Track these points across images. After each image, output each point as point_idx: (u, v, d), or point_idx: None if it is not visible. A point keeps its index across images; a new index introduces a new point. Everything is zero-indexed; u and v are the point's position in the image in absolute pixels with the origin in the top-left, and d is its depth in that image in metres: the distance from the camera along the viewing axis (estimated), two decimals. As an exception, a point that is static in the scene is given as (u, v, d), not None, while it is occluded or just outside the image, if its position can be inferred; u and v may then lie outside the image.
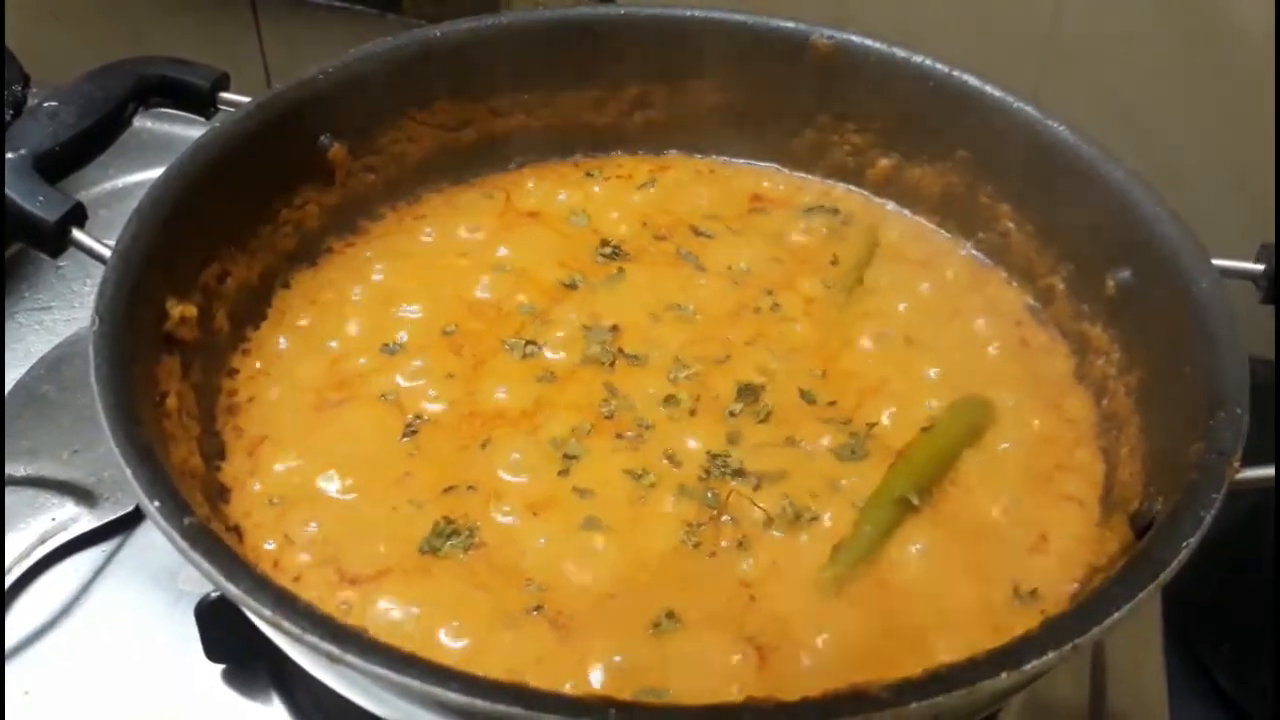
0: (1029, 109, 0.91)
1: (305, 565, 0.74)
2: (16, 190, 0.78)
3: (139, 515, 0.93)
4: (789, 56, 0.99)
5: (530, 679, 0.66)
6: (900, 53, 0.96)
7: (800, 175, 1.05)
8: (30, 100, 1.09)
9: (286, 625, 0.57)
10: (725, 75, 1.02)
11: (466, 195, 1.02)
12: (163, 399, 0.76)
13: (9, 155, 0.80)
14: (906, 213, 1.02)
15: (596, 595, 0.72)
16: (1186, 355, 0.75)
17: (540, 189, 1.03)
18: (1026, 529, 0.78)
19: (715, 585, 0.73)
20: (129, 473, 0.64)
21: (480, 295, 0.92)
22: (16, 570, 0.88)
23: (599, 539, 0.75)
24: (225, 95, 0.91)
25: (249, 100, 0.89)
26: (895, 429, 0.83)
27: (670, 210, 1.02)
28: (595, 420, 0.83)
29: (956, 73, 0.94)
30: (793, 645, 0.70)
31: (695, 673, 0.68)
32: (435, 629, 0.70)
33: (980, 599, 0.73)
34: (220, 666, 0.83)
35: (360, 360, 0.87)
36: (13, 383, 1.02)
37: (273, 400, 0.84)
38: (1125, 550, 0.71)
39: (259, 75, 1.45)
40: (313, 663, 0.64)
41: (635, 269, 0.95)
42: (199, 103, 0.91)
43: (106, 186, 1.22)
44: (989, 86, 0.93)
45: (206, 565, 0.60)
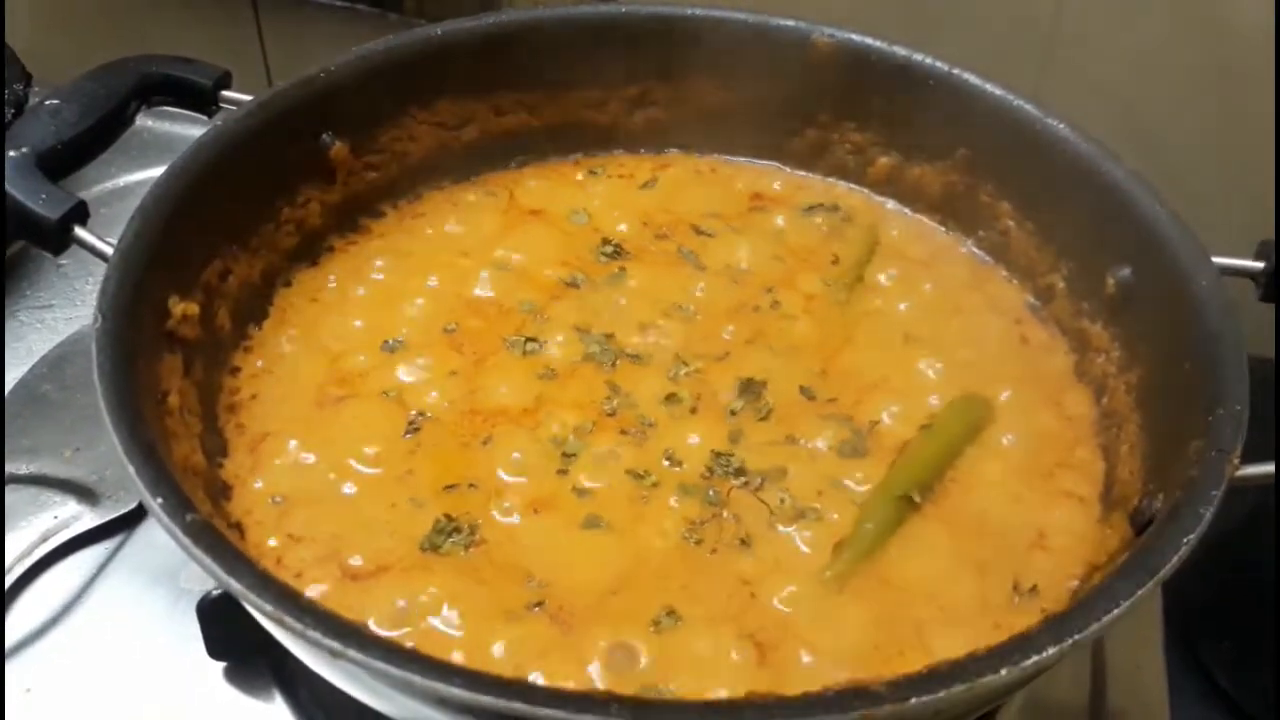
0: (1029, 108, 0.91)
1: (307, 562, 0.74)
2: (19, 188, 0.78)
3: (140, 513, 0.93)
4: (790, 55, 0.99)
5: (531, 675, 0.67)
6: (900, 51, 0.96)
7: (801, 174, 1.05)
8: (32, 99, 1.09)
9: (289, 621, 0.57)
10: (726, 74, 1.02)
11: (468, 194, 1.02)
12: (165, 396, 0.76)
13: (11, 153, 0.80)
14: (907, 211, 1.02)
15: (597, 592, 0.73)
16: (1186, 353, 0.75)
17: (542, 187, 1.03)
18: (1027, 526, 0.78)
19: (716, 582, 0.73)
20: (132, 469, 0.64)
21: (481, 293, 0.92)
22: (18, 569, 0.88)
23: (600, 536, 0.76)
24: (227, 94, 0.91)
25: (251, 99, 0.89)
26: (896, 426, 0.83)
27: (671, 209, 1.02)
28: (596, 418, 0.83)
29: (957, 71, 0.94)
30: (793, 642, 0.70)
31: (696, 669, 0.68)
32: (436, 626, 0.70)
33: (980, 596, 0.74)
34: (222, 664, 0.83)
35: (361, 358, 0.87)
36: (14, 381, 1.02)
37: (274, 398, 0.84)
38: (1125, 547, 0.71)
39: (260, 75, 1.45)
40: (315, 659, 0.64)
41: (636, 267, 0.95)
42: (201, 101, 0.91)
43: (108, 185, 1.22)
44: (989, 85, 0.93)
45: (209, 561, 0.60)
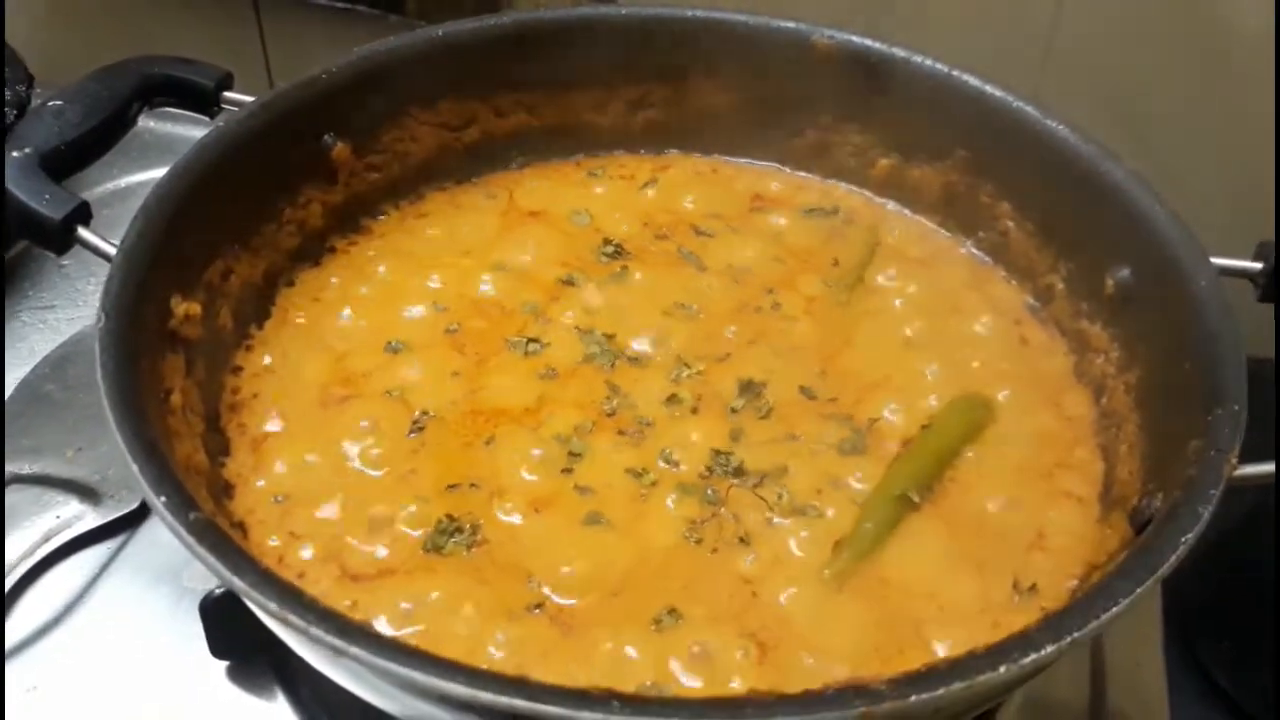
0: (1029, 109, 0.91)
1: (309, 562, 0.74)
2: (22, 188, 0.79)
3: (142, 513, 0.93)
4: (790, 56, 0.99)
5: (533, 674, 0.67)
6: (900, 53, 0.96)
7: (801, 175, 1.06)
8: (34, 100, 1.09)
9: (292, 619, 0.57)
10: (726, 75, 1.02)
11: (469, 194, 1.03)
12: (167, 396, 0.76)
13: (15, 154, 0.80)
14: (907, 212, 1.02)
15: (599, 592, 0.73)
16: (1185, 353, 0.76)
17: (543, 188, 1.03)
18: (1026, 526, 0.78)
19: (717, 581, 0.74)
20: (135, 468, 0.64)
21: (483, 294, 0.93)
22: (21, 568, 0.88)
23: (601, 536, 0.76)
24: (229, 95, 0.91)
25: (253, 100, 0.89)
26: (896, 426, 0.83)
27: (672, 210, 1.02)
28: (598, 418, 0.83)
29: (956, 73, 0.94)
30: (794, 641, 0.70)
31: (696, 668, 0.68)
32: (438, 625, 0.70)
33: (980, 595, 0.74)
34: (224, 663, 0.84)
35: (364, 358, 0.87)
36: (17, 381, 1.02)
37: (276, 398, 0.84)
38: (1124, 547, 0.72)
39: (261, 76, 1.45)
40: (318, 657, 0.64)
41: (637, 268, 0.96)
42: (203, 102, 0.91)
43: (109, 186, 1.23)
44: (989, 86, 0.93)
45: (212, 560, 0.60)
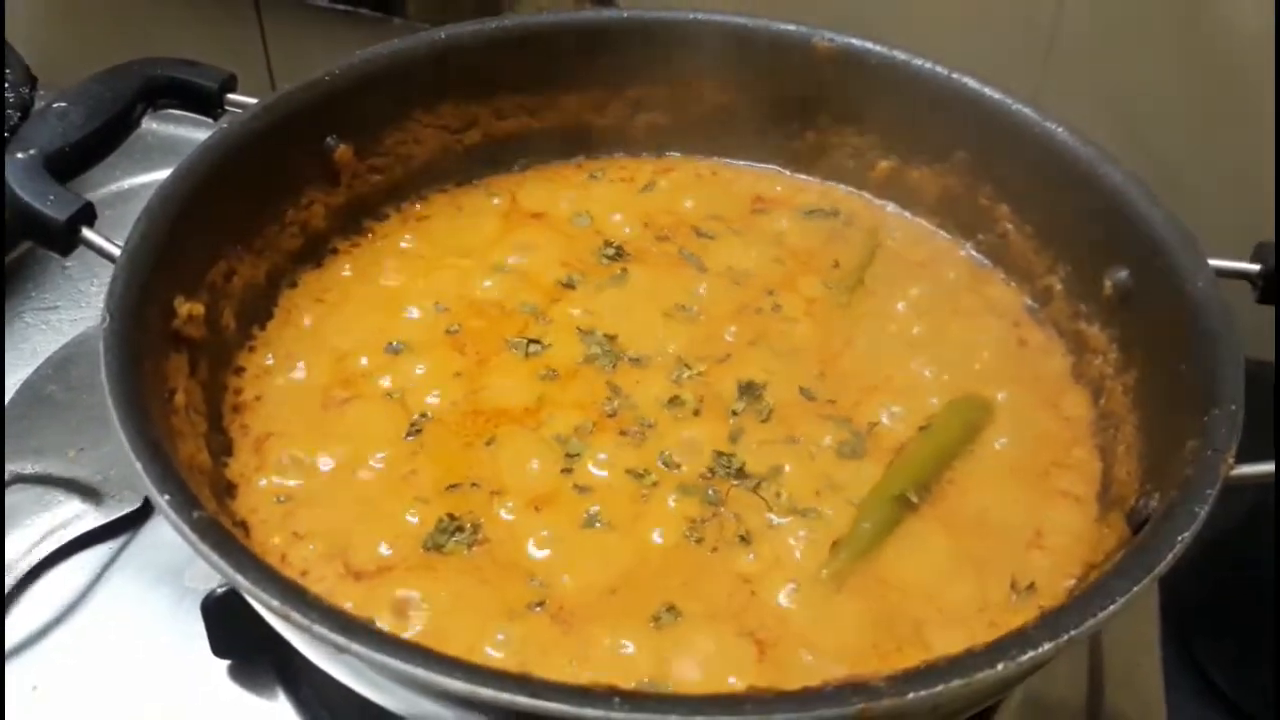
0: (1028, 111, 0.92)
1: (311, 561, 0.75)
2: (27, 189, 0.79)
3: (145, 513, 0.93)
4: (790, 59, 0.99)
5: (533, 671, 0.67)
6: (900, 55, 0.96)
7: (801, 177, 1.06)
8: (38, 102, 1.09)
9: (295, 616, 0.58)
10: (726, 77, 1.02)
11: (471, 196, 1.03)
12: (171, 396, 0.76)
13: (19, 155, 0.80)
14: (907, 214, 1.03)
15: (598, 590, 0.73)
16: (1182, 354, 0.76)
17: (543, 190, 1.03)
18: (1024, 526, 0.78)
19: (716, 580, 0.74)
20: (139, 466, 0.65)
21: (484, 295, 0.93)
22: (22, 567, 0.89)
23: (601, 535, 0.76)
24: (232, 97, 0.91)
25: (256, 102, 0.90)
26: (895, 427, 0.84)
27: (672, 211, 1.02)
28: (598, 418, 0.84)
29: (956, 75, 0.94)
30: (792, 639, 0.71)
31: (696, 666, 0.69)
32: (439, 623, 0.71)
33: (978, 595, 0.74)
34: (226, 662, 0.84)
35: (365, 359, 0.88)
36: (20, 382, 1.03)
37: (279, 398, 0.85)
38: (1122, 546, 0.72)
39: (263, 78, 1.46)
40: (319, 654, 0.64)
41: (638, 269, 0.96)
42: (206, 104, 0.91)
43: (112, 188, 1.23)
44: (988, 89, 0.93)
45: (216, 557, 0.60)
